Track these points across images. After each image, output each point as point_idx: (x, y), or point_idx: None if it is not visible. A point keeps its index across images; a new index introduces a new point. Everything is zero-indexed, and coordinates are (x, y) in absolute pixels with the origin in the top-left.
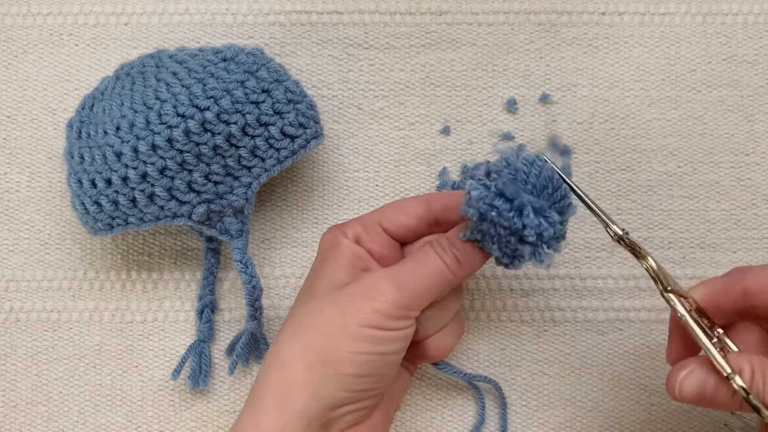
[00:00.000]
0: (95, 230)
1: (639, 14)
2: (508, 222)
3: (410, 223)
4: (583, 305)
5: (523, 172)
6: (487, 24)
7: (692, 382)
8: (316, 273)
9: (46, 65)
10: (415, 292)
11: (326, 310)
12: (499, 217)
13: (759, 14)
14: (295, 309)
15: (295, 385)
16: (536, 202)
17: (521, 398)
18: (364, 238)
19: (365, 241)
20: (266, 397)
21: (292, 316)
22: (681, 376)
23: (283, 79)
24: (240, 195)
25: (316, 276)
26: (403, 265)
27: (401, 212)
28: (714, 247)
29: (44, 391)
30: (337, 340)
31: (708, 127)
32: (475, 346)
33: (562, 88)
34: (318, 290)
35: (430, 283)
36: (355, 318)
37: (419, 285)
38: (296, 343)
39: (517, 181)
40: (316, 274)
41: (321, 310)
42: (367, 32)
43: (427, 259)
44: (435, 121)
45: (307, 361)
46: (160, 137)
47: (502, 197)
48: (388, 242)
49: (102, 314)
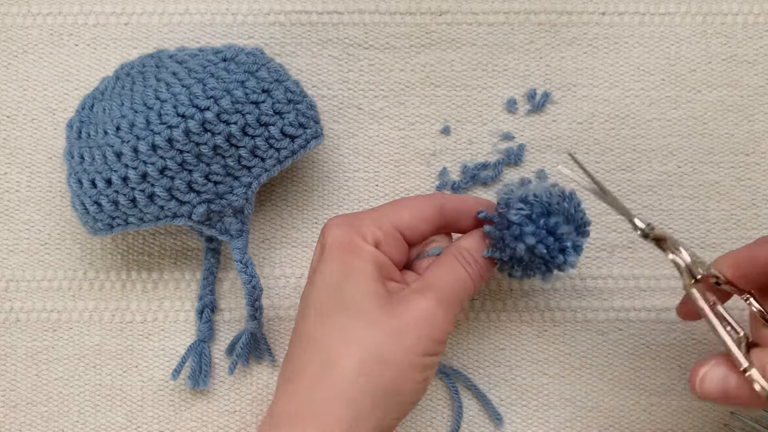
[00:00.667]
0: (95, 230)
1: (639, 14)
2: (553, 257)
3: (427, 230)
4: (583, 305)
5: (565, 207)
6: (487, 24)
7: (713, 378)
8: (340, 282)
9: (46, 65)
10: (456, 313)
11: (378, 335)
12: (547, 253)
13: (759, 14)
14: (325, 319)
15: (362, 417)
16: (578, 240)
17: (521, 398)
18: (383, 243)
19: (385, 247)
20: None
21: (328, 326)
22: (702, 373)
23: (283, 79)
24: (240, 195)
25: (342, 286)
26: (443, 286)
27: (419, 218)
28: (714, 247)
29: (44, 391)
30: (401, 371)
31: (708, 127)
32: (475, 346)
33: (562, 88)
34: (352, 303)
35: (462, 300)
36: (417, 348)
37: (458, 306)
38: (354, 371)
39: (560, 214)
40: (341, 284)
41: (371, 334)
42: (367, 32)
43: (459, 275)
44: (435, 121)
45: (370, 389)
46: (160, 137)
47: (552, 235)
48: (405, 249)
49: (102, 314)
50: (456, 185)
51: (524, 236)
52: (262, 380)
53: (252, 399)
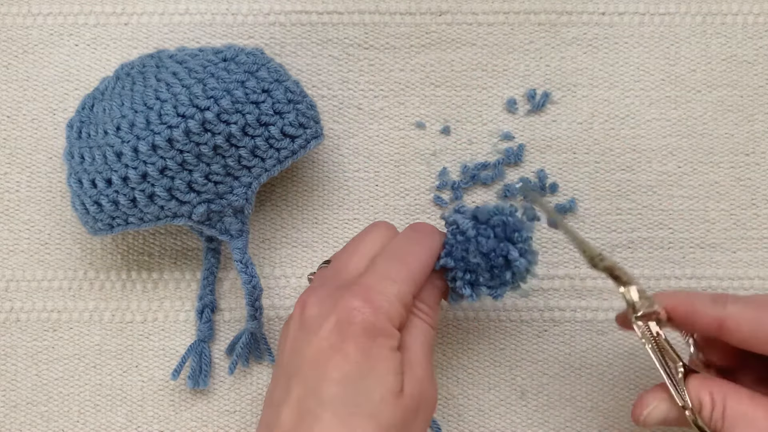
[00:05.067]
0: (95, 230)
1: (639, 14)
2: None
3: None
4: (583, 305)
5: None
6: (487, 24)
7: (658, 415)
8: (362, 376)
9: (46, 65)
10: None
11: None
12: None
13: (759, 14)
14: (344, 423)
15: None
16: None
17: (521, 398)
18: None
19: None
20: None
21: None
22: (648, 410)
23: (283, 79)
24: (240, 195)
25: (362, 382)
26: (420, 355)
27: (439, 291)
28: (714, 247)
29: (44, 391)
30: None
31: (708, 127)
32: (475, 346)
33: (562, 88)
34: (371, 406)
35: (432, 347)
36: (424, 427)
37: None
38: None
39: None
40: (362, 379)
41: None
42: (367, 32)
43: (426, 332)
44: (435, 121)
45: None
46: (160, 137)
47: (493, 229)
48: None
49: (102, 314)
50: (456, 185)
51: (468, 229)
52: (262, 380)
53: (252, 399)
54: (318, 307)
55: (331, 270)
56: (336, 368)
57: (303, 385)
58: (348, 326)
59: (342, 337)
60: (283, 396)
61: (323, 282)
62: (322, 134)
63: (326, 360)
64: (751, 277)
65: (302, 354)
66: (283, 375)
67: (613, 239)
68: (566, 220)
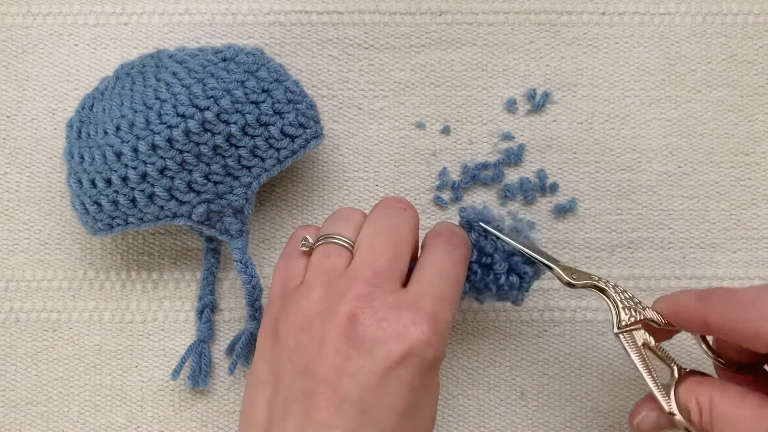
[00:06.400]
0: (95, 230)
1: (639, 14)
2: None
3: None
4: (582, 305)
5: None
6: (487, 24)
7: (648, 422)
8: (416, 405)
9: (46, 65)
10: None
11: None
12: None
13: (759, 14)
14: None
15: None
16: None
17: (521, 398)
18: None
19: None
20: None
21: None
22: (640, 417)
23: (283, 79)
24: (240, 195)
25: (414, 412)
26: None
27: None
28: (714, 247)
29: (44, 391)
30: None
31: (708, 127)
32: (475, 346)
33: (562, 88)
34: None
35: None
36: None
37: None
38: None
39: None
40: (415, 408)
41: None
42: (367, 32)
43: None
44: (435, 121)
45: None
46: (160, 137)
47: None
48: None
49: (102, 314)
50: (456, 185)
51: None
52: None
53: None
54: (376, 328)
55: (358, 267)
56: (402, 400)
57: (352, 408)
58: (420, 361)
59: (411, 371)
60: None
61: (354, 279)
62: (322, 134)
63: (391, 390)
64: (751, 277)
65: (352, 373)
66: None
67: (613, 239)
68: (566, 220)
